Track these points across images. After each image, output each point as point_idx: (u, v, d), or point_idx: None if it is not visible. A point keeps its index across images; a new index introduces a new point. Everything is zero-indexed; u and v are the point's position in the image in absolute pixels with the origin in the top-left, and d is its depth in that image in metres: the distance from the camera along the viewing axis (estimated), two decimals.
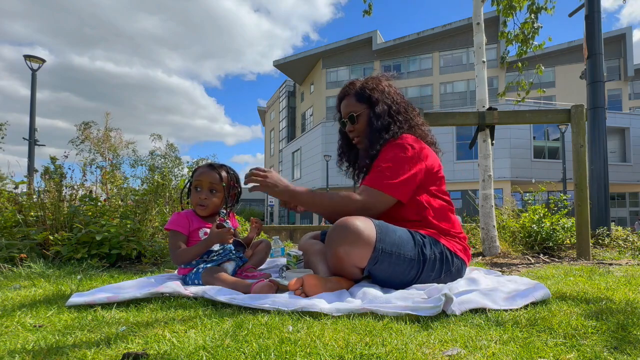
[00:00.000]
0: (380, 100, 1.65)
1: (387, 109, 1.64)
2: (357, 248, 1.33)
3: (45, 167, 2.87)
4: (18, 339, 0.91)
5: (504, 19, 3.64)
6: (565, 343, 0.84)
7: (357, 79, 1.77)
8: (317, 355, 0.77)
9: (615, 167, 20.69)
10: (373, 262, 1.36)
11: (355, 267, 1.39)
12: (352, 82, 1.75)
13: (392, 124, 1.62)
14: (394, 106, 1.65)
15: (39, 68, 9.66)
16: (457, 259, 1.51)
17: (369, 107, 1.66)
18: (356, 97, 1.69)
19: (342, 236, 1.33)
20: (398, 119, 1.64)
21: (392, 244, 1.37)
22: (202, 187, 1.66)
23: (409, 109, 1.70)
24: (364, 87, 1.69)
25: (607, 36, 24.45)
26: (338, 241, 1.34)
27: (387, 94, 1.67)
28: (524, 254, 2.79)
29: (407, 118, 1.67)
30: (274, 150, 40.15)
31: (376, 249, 1.34)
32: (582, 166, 2.64)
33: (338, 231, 1.35)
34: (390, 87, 1.71)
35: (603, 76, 3.96)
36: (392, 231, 1.40)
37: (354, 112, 1.68)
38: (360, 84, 1.71)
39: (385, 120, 1.62)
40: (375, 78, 1.73)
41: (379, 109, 1.63)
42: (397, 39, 27.34)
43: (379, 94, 1.66)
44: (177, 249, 1.57)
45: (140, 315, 1.12)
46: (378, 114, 1.62)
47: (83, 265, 2.12)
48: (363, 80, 1.73)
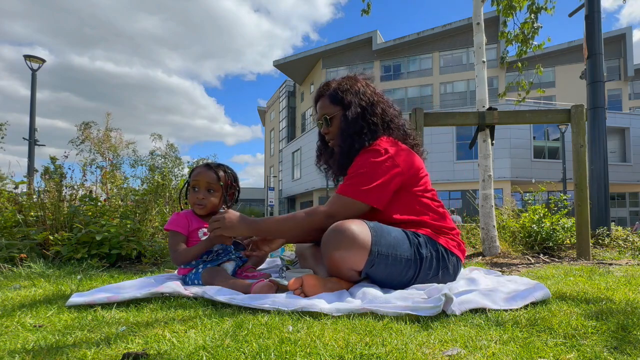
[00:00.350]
0: (354, 103, 1.58)
1: (361, 111, 1.58)
2: (353, 252, 1.32)
3: (45, 167, 2.88)
4: (18, 339, 0.91)
5: (504, 19, 3.64)
6: (565, 343, 0.84)
7: (334, 79, 1.71)
8: (317, 355, 0.77)
9: (615, 167, 20.68)
10: (370, 265, 1.35)
11: (352, 271, 1.38)
12: (328, 83, 1.69)
13: (365, 127, 1.56)
14: (369, 108, 1.59)
15: (39, 68, 9.66)
16: (453, 255, 1.50)
17: (342, 110, 1.60)
18: (330, 99, 1.64)
19: (337, 241, 1.32)
20: (373, 121, 1.58)
21: (388, 246, 1.36)
22: (199, 187, 1.66)
23: (388, 110, 1.64)
24: (338, 88, 1.63)
25: (607, 36, 24.45)
26: (333, 246, 1.33)
27: (363, 95, 1.61)
28: (524, 254, 2.79)
29: (384, 120, 1.61)
30: (274, 150, 40.16)
31: (372, 252, 1.33)
32: (582, 166, 2.64)
33: (332, 236, 1.33)
34: (368, 87, 1.65)
35: (603, 76, 3.96)
36: (387, 232, 1.39)
37: (327, 114, 1.64)
38: (335, 85, 1.65)
39: (358, 124, 1.56)
40: (351, 78, 1.67)
41: (352, 113, 1.57)
42: (397, 39, 27.34)
43: (352, 96, 1.60)
44: (177, 249, 1.57)
45: (140, 315, 1.12)
46: (350, 118, 1.57)
47: (83, 265, 2.12)
48: (339, 81, 1.67)
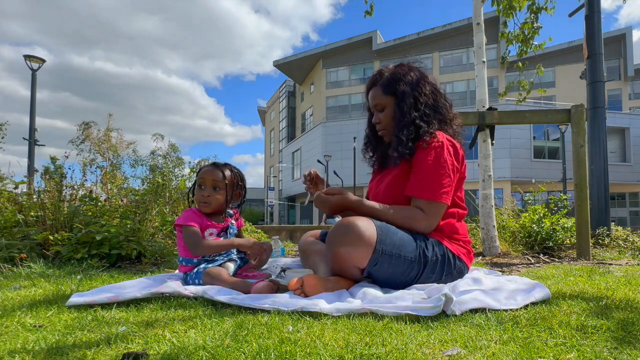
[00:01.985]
0: (408, 94, 1.55)
1: (414, 102, 1.55)
2: (358, 249, 1.32)
3: (45, 167, 2.88)
4: (18, 339, 0.91)
5: (504, 19, 3.64)
6: (565, 343, 0.84)
7: (387, 66, 1.67)
8: (317, 355, 0.77)
9: (615, 167, 20.68)
10: (373, 263, 1.36)
11: (355, 268, 1.39)
12: (381, 71, 1.66)
13: (419, 119, 1.53)
14: (422, 98, 1.55)
15: (39, 68, 9.66)
16: (460, 261, 1.50)
17: (395, 100, 1.58)
18: (382, 89, 1.61)
19: (343, 237, 1.33)
20: (426, 113, 1.55)
21: (393, 245, 1.36)
22: (205, 185, 1.68)
23: (441, 103, 1.60)
24: (392, 78, 1.59)
25: (607, 36, 24.45)
26: (339, 241, 1.33)
27: (416, 86, 1.56)
28: (524, 254, 2.79)
29: (437, 113, 1.58)
30: (274, 150, 40.16)
31: (376, 250, 1.33)
32: (582, 166, 2.64)
33: (339, 231, 1.34)
34: (422, 77, 1.61)
35: (603, 76, 3.96)
36: (393, 232, 1.39)
37: (379, 104, 1.62)
38: (389, 74, 1.61)
39: (412, 115, 1.53)
40: (404, 66, 1.63)
41: (405, 104, 1.54)
42: (397, 39, 27.35)
43: (406, 86, 1.56)
44: (198, 237, 1.59)
45: (140, 315, 1.12)
46: (404, 108, 1.54)
47: (83, 265, 2.12)
48: (392, 69, 1.63)
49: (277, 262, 2.15)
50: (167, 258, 2.50)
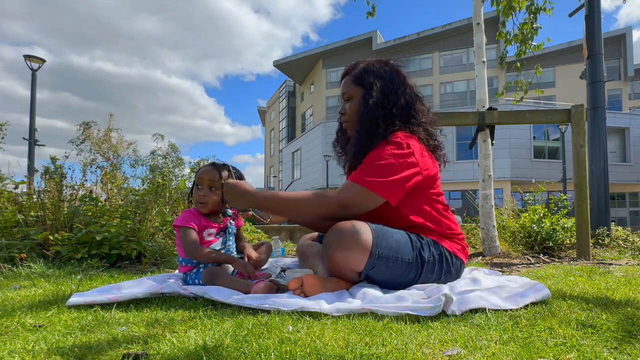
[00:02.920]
0: (377, 88, 1.48)
1: (382, 98, 1.48)
2: (354, 253, 1.30)
3: (45, 167, 2.88)
4: (18, 339, 0.91)
5: (503, 19, 3.64)
6: (565, 343, 0.84)
7: (366, 58, 1.61)
8: (317, 355, 0.77)
9: (615, 167, 20.68)
10: (370, 267, 1.34)
11: (352, 272, 1.37)
12: (357, 62, 1.61)
13: (382, 118, 1.46)
14: (392, 97, 1.48)
15: (39, 68, 9.66)
16: (456, 259, 1.50)
17: (363, 92, 1.51)
18: (353, 79, 1.55)
19: (339, 241, 1.31)
20: (392, 113, 1.48)
21: (389, 248, 1.34)
22: (202, 185, 1.68)
23: (416, 105, 1.53)
24: (365, 69, 1.54)
25: (607, 36, 24.45)
26: (334, 246, 1.32)
27: (389, 83, 1.50)
28: (524, 254, 2.79)
29: (408, 114, 1.50)
30: (274, 150, 40.16)
31: (372, 254, 1.31)
32: (582, 166, 2.64)
33: (334, 236, 1.32)
34: (398, 74, 1.54)
35: (603, 76, 3.96)
36: (389, 235, 1.37)
37: (347, 93, 1.57)
38: (363, 65, 1.56)
39: (378, 111, 1.47)
40: (382, 62, 1.57)
41: (372, 98, 1.47)
42: (397, 39, 27.35)
43: (377, 80, 1.49)
44: (196, 244, 1.58)
45: (140, 315, 1.12)
46: (370, 102, 1.47)
47: (83, 265, 2.12)
48: (368, 62, 1.57)
49: (277, 262, 2.15)
50: (167, 258, 2.50)
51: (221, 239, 1.70)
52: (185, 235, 1.59)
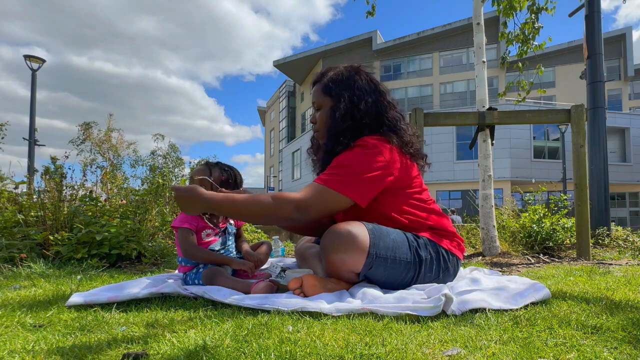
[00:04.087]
0: (345, 99, 1.45)
1: (351, 108, 1.45)
2: (351, 254, 1.30)
3: (45, 167, 2.88)
4: (18, 339, 0.91)
5: (504, 20, 3.64)
6: (565, 343, 0.84)
7: (336, 66, 1.57)
8: (317, 355, 0.77)
9: (615, 167, 20.66)
10: (368, 267, 1.34)
11: (351, 273, 1.37)
12: (327, 70, 1.57)
13: (349, 130, 1.44)
14: (363, 106, 1.45)
15: (39, 68, 9.66)
16: (453, 256, 1.49)
17: (331, 103, 1.49)
18: (322, 88, 1.53)
19: (335, 243, 1.30)
20: (364, 122, 1.45)
21: (387, 248, 1.34)
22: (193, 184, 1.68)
23: (389, 112, 1.49)
24: (333, 79, 1.51)
25: (607, 36, 24.45)
26: (331, 248, 1.31)
27: (358, 90, 1.46)
28: (524, 254, 2.79)
29: (380, 122, 1.47)
30: (274, 150, 40.16)
31: (370, 255, 1.31)
32: (582, 166, 2.64)
33: (330, 238, 1.31)
34: (369, 82, 1.51)
35: (603, 76, 3.96)
36: (386, 235, 1.36)
37: (317, 103, 1.54)
38: (332, 74, 1.53)
39: (346, 122, 1.44)
40: (352, 69, 1.53)
41: (340, 110, 1.45)
42: (397, 39, 27.32)
43: (345, 90, 1.46)
44: (192, 245, 1.58)
45: (140, 315, 1.12)
46: (338, 114, 1.45)
47: (83, 265, 2.12)
48: (337, 71, 1.54)
49: (277, 262, 2.15)
50: (167, 258, 2.50)
51: (220, 239, 1.70)
52: (183, 236, 1.59)
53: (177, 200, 1.33)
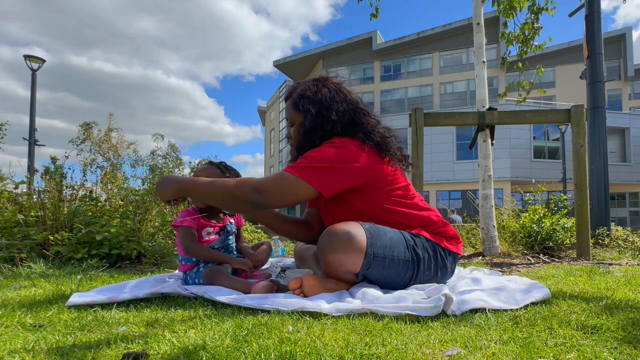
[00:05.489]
0: (312, 115, 1.47)
1: (320, 122, 1.46)
2: (349, 255, 1.29)
3: (45, 167, 2.88)
4: (18, 339, 0.91)
5: (504, 20, 3.64)
6: (565, 343, 0.84)
7: (304, 81, 1.59)
8: (317, 355, 0.77)
9: (615, 167, 20.66)
10: (366, 267, 1.34)
11: (349, 273, 1.37)
12: (297, 85, 1.59)
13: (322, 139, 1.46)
14: (334, 116, 1.46)
15: (39, 68, 9.66)
16: (450, 253, 1.50)
17: (302, 119, 1.51)
18: (292, 104, 1.55)
19: (332, 244, 1.30)
20: (336, 131, 1.46)
21: (384, 248, 1.34)
22: None
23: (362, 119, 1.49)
24: (301, 94, 1.52)
25: (607, 36, 24.44)
26: (328, 249, 1.31)
27: (327, 101, 1.47)
28: (524, 254, 2.79)
29: (354, 131, 1.47)
30: (274, 150, 40.15)
31: (368, 255, 1.31)
32: (582, 166, 2.64)
33: (327, 239, 1.31)
34: (338, 92, 1.51)
35: (603, 76, 3.96)
36: (383, 234, 1.36)
37: (290, 119, 1.57)
38: (300, 90, 1.54)
39: (316, 134, 1.47)
40: (319, 82, 1.54)
41: (308, 124, 1.48)
42: (397, 39, 27.32)
43: (312, 106, 1.47)
44: (193, 242, 1.58)
45: (140, 315, 1.12)
46: (306, 128, 1.48)
47: (83, 265, 2.12)
48: (305, 85, 1.55)
49: (277, 262, 2.15)
50: (167, 258, 2.50)
51: (220, 237, 1.71)
52: (184, 233, 1.59)
53: (156, 187, 1.38)
